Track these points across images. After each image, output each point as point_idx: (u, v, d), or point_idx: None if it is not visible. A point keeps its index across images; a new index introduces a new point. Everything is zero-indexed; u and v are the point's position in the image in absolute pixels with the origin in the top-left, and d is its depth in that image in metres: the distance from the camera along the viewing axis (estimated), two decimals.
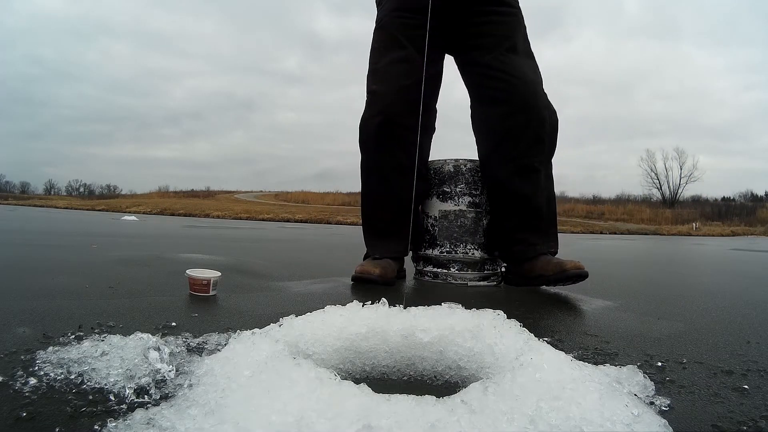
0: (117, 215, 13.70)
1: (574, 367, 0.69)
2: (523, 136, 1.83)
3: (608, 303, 1.66)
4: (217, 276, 1.50)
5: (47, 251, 2.75)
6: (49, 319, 1.09)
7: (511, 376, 0.62)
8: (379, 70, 1.91)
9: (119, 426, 0.56)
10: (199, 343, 0.92)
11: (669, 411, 0.69)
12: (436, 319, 0.86)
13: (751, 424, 0.67)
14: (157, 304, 1.31)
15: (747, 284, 2.54)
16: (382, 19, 1.94)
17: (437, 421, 0.53)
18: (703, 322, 1.40)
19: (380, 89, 1.88)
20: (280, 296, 1.54)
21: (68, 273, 1.84)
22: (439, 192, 2.01)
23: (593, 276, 1.92)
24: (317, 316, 0.85)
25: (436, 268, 2.00)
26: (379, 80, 1.90)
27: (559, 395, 0.59)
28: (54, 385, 0.69)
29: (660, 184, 42.76)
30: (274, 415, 0.54)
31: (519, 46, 1.87)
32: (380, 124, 1.86)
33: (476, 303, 1.11)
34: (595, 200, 42.78)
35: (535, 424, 0.54)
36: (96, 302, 1.31)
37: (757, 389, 0.82)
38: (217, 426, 0.54)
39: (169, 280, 1.75)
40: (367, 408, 0.55)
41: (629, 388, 0.72)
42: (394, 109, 1.85)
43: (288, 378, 0.60)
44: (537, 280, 1.83)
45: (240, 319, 1.20)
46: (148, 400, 0.65)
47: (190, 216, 18.22)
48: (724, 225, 26.61)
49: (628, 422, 0.57)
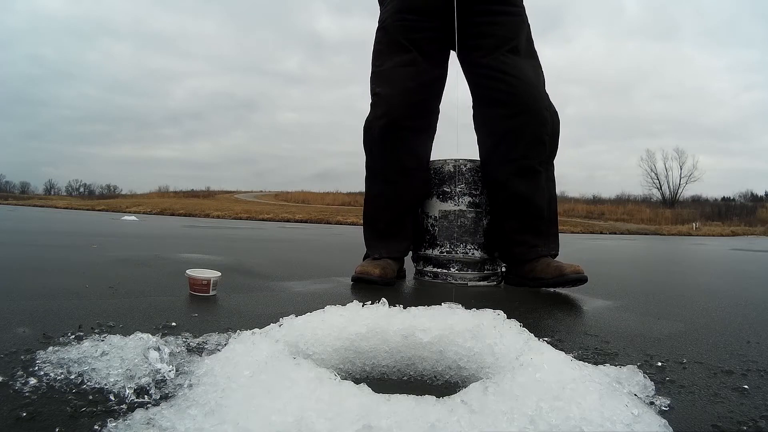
0: (117, 215, 13.69)
1: (574, 367, 0.69)
2: (523, 137, 1.82)
3: (608, 303, 1.66)
4: (217, 276, 1.50)
5: (47, 251, 2.75)
6: (49, 319, 1.09)
7: (511, 376, 0.62)
8: (383, 73, 1.91)
9: (119, 426, 0.56)
10: (199, 343, 0.92)
11: (669, 411, 0.69)
12: (436, 319, 0.86)
13: (751, 424, 0.67)
14: (157, 304, 1.31)
15: (747, 284, 2.54)
16: (385, 20, 1.93)
17: (437, 421, 0.53)
18: (703, 322, 1.40)
19: (384, 91, 1.88)
20: (280, 296, 1.54)
21: (68, 273, 1.84)
22: (439, 192, 2.01)
23: (593, 276, 1.93)
24: (317, 316, 0.85)
25: (436, 268, 2.00)
26: (383, 83, 1.90)
27: (559, 395, 0.59)
28: (54, 385, 0.69)
29: (660, 184, 42.80)
30: (274, 415, 0.54)
31: (521, 46, 1.86)
32: (384, 126, 1.86)
33: (476, 303, 1.11)
34: (595, 200, 42.78)
35: (535, 424, 0.54)
36: (96, 302, 1.31)
37: (757, 389, 0.82)
38: (217, 426, 0.54)
39: (169, 280, 1.75)
40: (367, 408, 0.55)
41: (629, 388, 0.72)
42: (398, 112, 1.85)
43: (288, 378, 0.60)
44: (536, 282, 1.83)
45: (240, 319, 1.20)
46: (148, 400, 0.65)
47: (190, 216, 18.22)
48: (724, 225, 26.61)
49: (628, 422, 0.57)
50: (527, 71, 1.84)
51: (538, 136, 1.83)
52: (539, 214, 1.88)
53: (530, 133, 1.82)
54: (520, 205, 1.88)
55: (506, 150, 1.85)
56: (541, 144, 1.85)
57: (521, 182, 1.85)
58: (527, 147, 1.83)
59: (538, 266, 1.83)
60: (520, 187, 1.85)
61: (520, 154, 1.84)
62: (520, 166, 1.84)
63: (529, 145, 1.83)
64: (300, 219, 17.26)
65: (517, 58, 1.84)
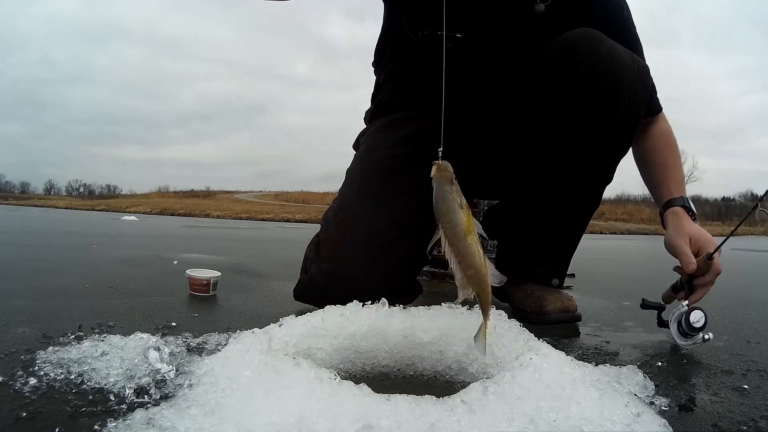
0: (117, 215, 13.69)
1: (574, 367, 0.69)
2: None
3: (608, 303, 1.66)
4: (217, 276, 1.50)
5: (47, 251, 2.75)
6: (49, 319, 1.09)
7: (511, 376, 0.62)
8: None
9: (119, 426, 0.56)
10: (199, 343, 0.91)
11: (669, 411, 0.69)
12: (436, 319, 0.86)
13: (751, 424, 0.67)
14: (157, 304, 1.31)
15: (747, 284, 2.54)
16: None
17: (437, 421, 0.53)
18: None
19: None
20: (281, 296, 1.53)
21: (68, 273, 1.84)
22: None
23: (593, 276, 1.92)
24: (317, 316, 0.84)
25: (434, 268, 2.00)
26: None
27: (559, 395, 0.59)
28: (54, 385, 0.69)
29: None
30: (274, 415, 0.54)
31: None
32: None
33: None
34: None
35: (535, 424, 0.54)
36: (96, 302, 1.31)
37: (757, 389, 0.82)
38: (217, 426, 0.54)
39: (169, 280, 1.75)
40: (367, 408, 0.55)
41: (629, 388, 0.72)
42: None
43: (288, 378, 0.60)
44: (515, 312, 1.34)
45: (240, 319, 1.20)
46: (148, 400, 0.65)
47: (190, 216, 18.22)
48: (723, 225, 26.59)
49: (628, 422, 0.57)
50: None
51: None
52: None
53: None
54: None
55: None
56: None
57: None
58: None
59: (517, 294, 1.38)
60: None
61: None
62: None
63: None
64: (300, 219, 17.26)
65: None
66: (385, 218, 1.22)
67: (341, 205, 1.31)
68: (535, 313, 1.28)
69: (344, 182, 1.36)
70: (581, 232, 1.40)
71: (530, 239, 1.38)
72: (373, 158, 1.32)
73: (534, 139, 1.27)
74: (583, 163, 1.24)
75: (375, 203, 1.25)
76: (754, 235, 20.76)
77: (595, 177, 1.30)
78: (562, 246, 1.39)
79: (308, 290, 1.29)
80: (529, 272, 1.38)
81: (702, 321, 1.03)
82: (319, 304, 0.92)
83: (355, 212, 1.26)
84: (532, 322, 1.25)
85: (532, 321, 1.26)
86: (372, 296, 0.90)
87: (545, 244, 1.37)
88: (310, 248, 1.35)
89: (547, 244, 1.37)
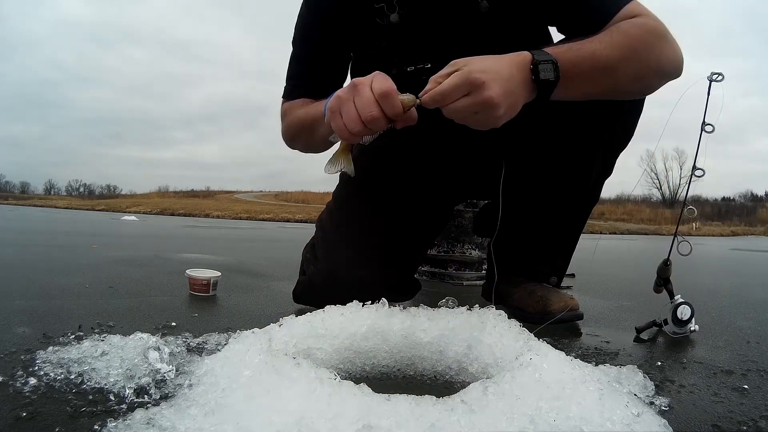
0: (117, 215, 13.69)
1: (574, 367, 0.69)
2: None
3: (608, 303, 1.66)
4: (217, 276, 1.50)
5: (47, 251, 2.75)
6: (49, 319, 1.09)
7: (511, 376, 0.62)
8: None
9: (119, 426, 0.56)
10: (199, 343, 0.92)
11: (669, 411, 0.69)
12: (436, 319, 0.86)
13: (751, 424, 0.67)
14: (157, 304, 1.31)
15: (747, 284, 2.54)
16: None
17: (437, 421, 0.53)
18: (703, 322, 1.39)
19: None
20: (281, 296, 1.53)
21: (68, 273, 1.84)
22: None
23: (593, 276, 1.92)
24: (317, 316, 0.84)
25: (434, 268, 2.00)
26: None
27: (559, 395, 0.59)
28: (54, 385, 0.69)
29: (660, 184, 42.81)
30: (274, 415, 0.54)
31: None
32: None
33: (476, 303, 1.11)
34: None
35: (535, 423, 0.54)
36: (96, 302, 1.31)
37: (757, 389, 0.82)
38: (217, 426, 0.54)
39: (169, 280, 1.75)
40: (367, 408, 0.55)
41: (629, 388, 0.72)
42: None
43: (288, 378, 0.60)
44: (515, 312, 1.30)
45: (240, 319, 1.20)
46: (148, 400, 0.65)
47: (190, 216, 18.22)
48: (724, 225, 26.58)
49: (628, 422, 0.57)
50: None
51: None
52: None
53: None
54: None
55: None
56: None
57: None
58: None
59: (516, 294, 1.35)
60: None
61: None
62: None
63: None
64: (300, 219, 17.25)
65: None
66: (379, 217, 1.24)
67: (336, 206, 1.32)
68: (539, 313, 1.25)
69: (338, 183, 1.38)
70: (581, 228, 1.37)
71: (529, 236, 1.34)
72: (367, 159, 1.33)
73: (531, 135, 1.23)
74: (581, 155, 1.22)
75: (369, 202, 1.26)
76: (754, 235, 20.76)
77: (595, 170, 1.26)
78: (561, 243, 1.37)
79: (306, 291, 1.29)
80: (527, 270, 1.36)
81: (688, 314, 1.15)
82: (318, 305, 0.92)
83: (349, 212, 1.27)
84: (536, 322, 1.18)
85: (535, 321, 1.19)
86: (370, 295, 0.90)
87: (544, 241, 1.34)
88: (307, 250, 1.35)
89: (547, 241, 1.34)
